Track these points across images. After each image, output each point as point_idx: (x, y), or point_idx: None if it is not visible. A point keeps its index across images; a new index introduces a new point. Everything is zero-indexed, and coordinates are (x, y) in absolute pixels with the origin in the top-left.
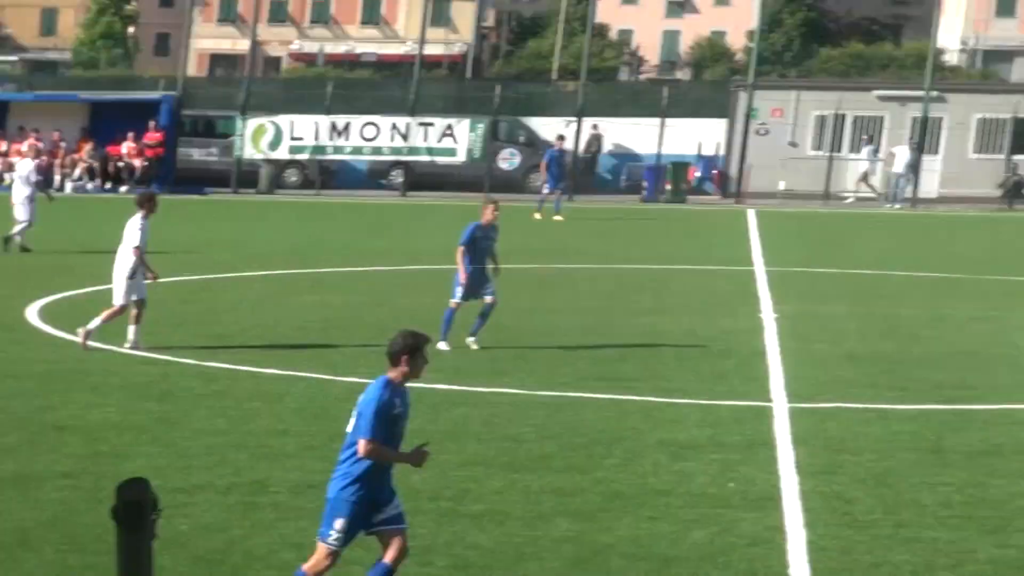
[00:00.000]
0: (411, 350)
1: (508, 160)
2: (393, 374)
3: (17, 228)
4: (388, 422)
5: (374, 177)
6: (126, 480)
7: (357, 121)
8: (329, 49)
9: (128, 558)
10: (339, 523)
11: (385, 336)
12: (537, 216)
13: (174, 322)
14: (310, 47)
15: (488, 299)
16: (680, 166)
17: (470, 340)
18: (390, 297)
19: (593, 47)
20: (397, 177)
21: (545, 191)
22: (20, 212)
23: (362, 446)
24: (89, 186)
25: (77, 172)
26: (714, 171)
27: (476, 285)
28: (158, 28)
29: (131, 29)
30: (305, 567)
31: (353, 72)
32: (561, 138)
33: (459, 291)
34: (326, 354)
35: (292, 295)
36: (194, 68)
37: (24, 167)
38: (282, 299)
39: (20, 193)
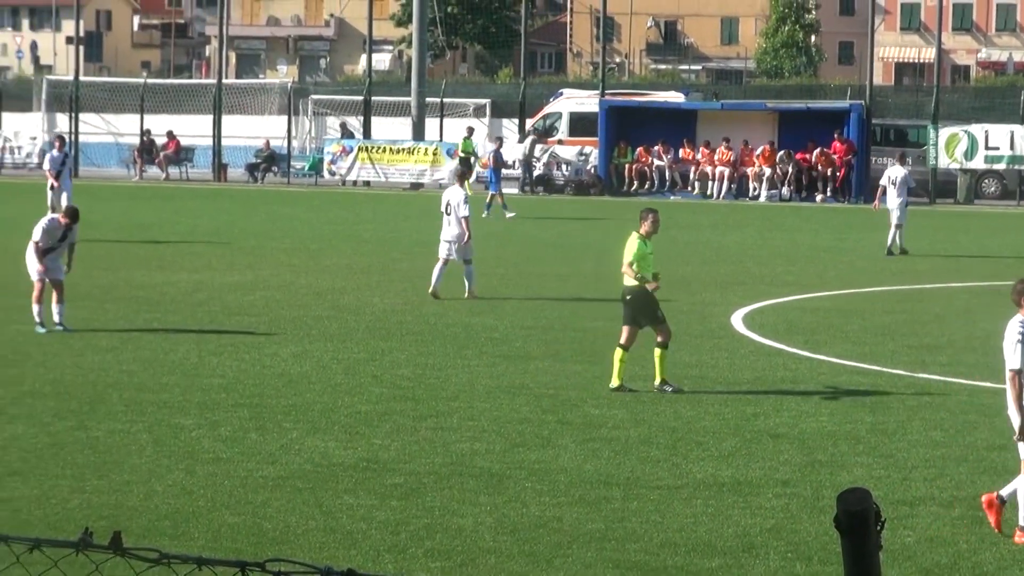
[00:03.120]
0: None
1: None
2: None
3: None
4: None
5: None
6: (847, 489)
7: None
8: (1018, 57)
9: (856, 569)
10: None
11: None
12: None
13: (881, 332)
14: (998, 55)
15: None
16: None
17: None
18: None
19: None
20: None
21: None
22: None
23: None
24: (784, 192)
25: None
26: None
27: None
28: (840, 36)
29: (813, 38)
30: None
31: None
32: None
33: None
34: None
35: (1000, 307)
36: (879, 77)
37: None
38: (989, 311)
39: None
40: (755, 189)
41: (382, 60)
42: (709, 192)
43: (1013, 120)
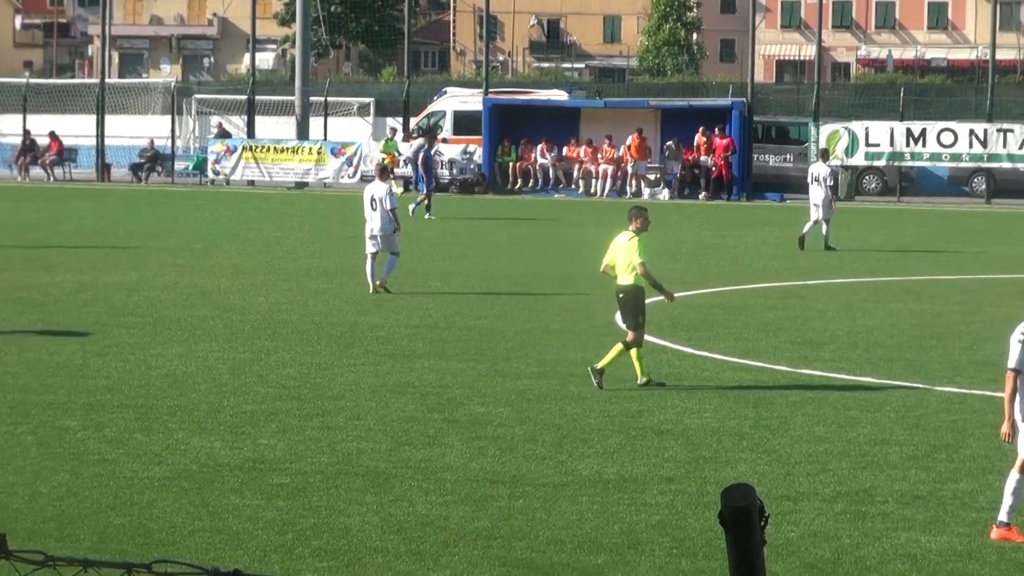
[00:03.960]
0: None
1: None
2: None
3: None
4: None
5: (955, 184)
6: (731, 485)
7: (933, 127)
8: (897, 54)
9: (740, 564)
10: None
11: (983, 345)
12: None
13: (764, 328)
14: (877, 52)
15: None
16: None
17: None
18: (982, 306)
19: None
20: (980, 184)
21: None
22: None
23: None
24: (665, 195)
25: (653, 178)
26: None
27: None
28: (722, 34)
29: (694, 36)
30: None
31: (924, 77)
32: None
33: None
34: (922, 363)
35: (881, 303)
36: (761, 74)
37: None
38: (871, 306)
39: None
40: (634, 187)
41: (266, 59)
42: (593, 190)
43: (892, 117)
